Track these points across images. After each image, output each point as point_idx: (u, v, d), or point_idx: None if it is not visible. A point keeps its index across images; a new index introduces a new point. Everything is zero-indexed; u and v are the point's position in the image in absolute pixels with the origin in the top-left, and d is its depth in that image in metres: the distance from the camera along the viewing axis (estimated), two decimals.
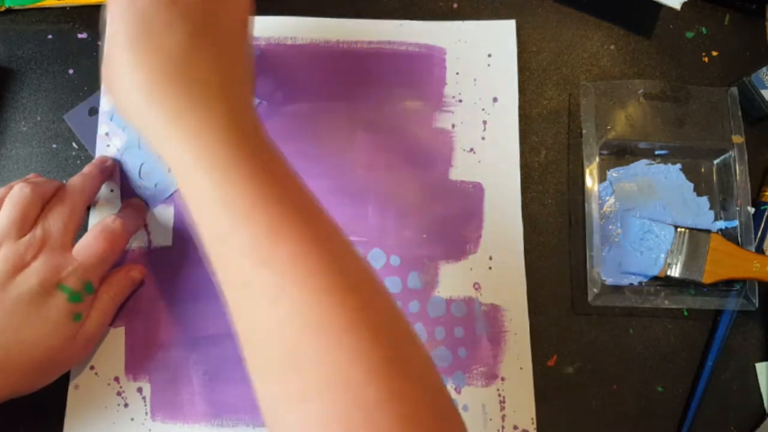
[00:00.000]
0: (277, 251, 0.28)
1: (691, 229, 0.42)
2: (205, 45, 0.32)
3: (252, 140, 0.31)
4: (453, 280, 0.42)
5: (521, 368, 0.41)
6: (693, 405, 0.42)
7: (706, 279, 0.41)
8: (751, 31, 0.47)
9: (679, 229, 0.42)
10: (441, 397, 0.28)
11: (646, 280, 0.43)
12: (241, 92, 0.33)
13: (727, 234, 0.43)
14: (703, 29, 0.47)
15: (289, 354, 0.27)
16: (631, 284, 0.42)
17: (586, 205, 0.43)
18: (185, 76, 0.31)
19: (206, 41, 0.32)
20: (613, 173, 0.44)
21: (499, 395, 0.41)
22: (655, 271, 0.42)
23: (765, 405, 0.43)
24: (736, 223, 0.42)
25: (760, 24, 0.47)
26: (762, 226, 0.43)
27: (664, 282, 0.42)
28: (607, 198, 0.44)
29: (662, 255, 0.42)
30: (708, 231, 0.42)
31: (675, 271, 0.42)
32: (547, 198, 0.44)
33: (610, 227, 0.43)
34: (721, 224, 0.43)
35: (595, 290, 0.41)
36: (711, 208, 0.44)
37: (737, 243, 0.42)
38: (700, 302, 0.42)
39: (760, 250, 0.43)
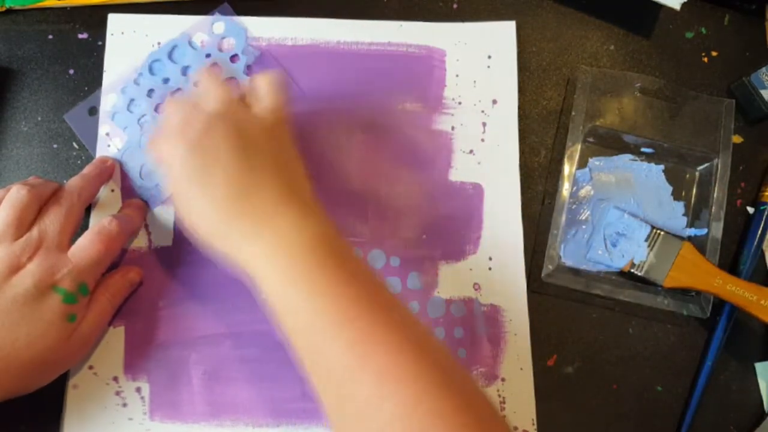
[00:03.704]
0: (376, 358, 0.29)
1: (666, 232, 0.42)
2: (253, 164, 0.34)
3: (327, 239, 0.33)
4: (453, 281, 0.42)
5: (521, 369, 0.41)
6: (693, 405, 0.42)
7: (667, 283, 0.41)
8: (751, 31, 0.47)
9: (655, 230, 0.42)
10: None
11: (607, 270, 0.43)
12: (303, 192, 0.35)
13: (695, 242, 0.43)
14: (703, 29, 0.47)
15: None
16: (590, 271, 0.43)
17: (558, 184, 0.43)
18: (251, 196, 0.33)
19: (252, 160, 0.34)
20: (595, 161, 0.44)
21: (499, 396, 0.40)
22: (620, 264, 0.42)
23: (765, 405, 0.43)
24: (705, 231, 0.43)
25: (760, 24, 0.47)
26: (761, 225, 0.43)
27: (623, 276, 0.43)
28: (584, 184, 0.44)
29: (632, 251, 0.42)
30: (681, 238, 0.42)
31: (639, 269, 0.42)
32: (547, 198, 0.44)
33: (581, 212, 0.43)
34: (692, 231, 0.43)
35: (551, 267, 0.42)
36: (684, 215, 0.44)
37: (703, 252, 0.42)
38: (655, 302, 0.42)
39: (759, 249, 0.43)
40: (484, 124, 0.44)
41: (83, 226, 0.40)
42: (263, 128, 0.36)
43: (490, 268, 0.42)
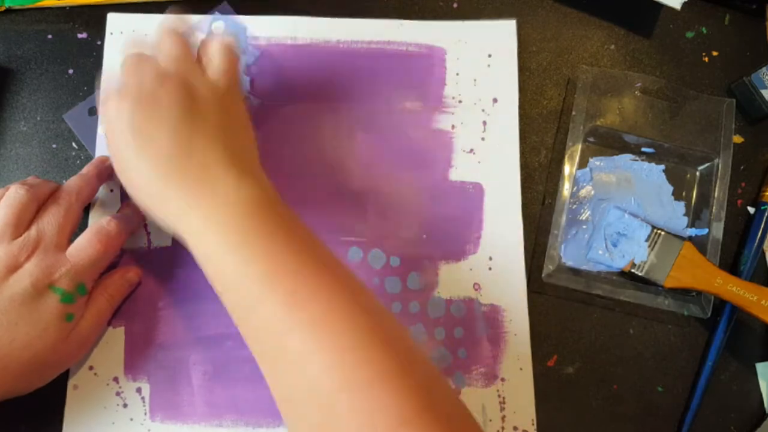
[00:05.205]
0: (302, 317, 0.29)
1: (666, 232, 0.42)
2: (198, 125, 0.33)
3: (265, 203, 0.33)
4: (453, 281, 0.42)
5: (521, 369, 0.41)
6: (693, 405, 0.42)
7: (668, 283, 0.41)
8: (751, 31, 0.47)
9: (655, 230, 0.42)
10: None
11: (607, 270, 0.43)
12: (247, 159, 0.35)
13: (696, 242, 0.43)
14: (703, 29, 0.47)
15: (326, 414, 0.28)
16: (590, 271, 0.43)
17: (559, 184, 0.43)
18: (186, 162, 0.33)
19: (197, 121, 0.34)
20: (595, 161, 0.44)
21: (499, 396, 0.40)
22: (620, 264, 0.42)
23: (765, 405, 0.43)
24: (706, 230, 0.43)
25: (760, 24, 0.47)
26: (762, 226, 0.43)
27: (624, 276, 0.43)
28: (584, 184, 0.44)
29: (632, 251, 0.42)
30: (682, 238, 0.42)
31: (640, 269, 0.42)
32: (547, 198, 0.44)
33: (582, 212, 0.43)
34: (693, 231, 0.43)
35: (551, 267, 0.41)
36: (685, 215, 0.44)
37: (703, 252, 0.42)
38: (655, 302, 0.42)
39: (760, 249, 0.43)
40: (484, 123, 0.44)
41: (82, 226, 0.40)
42: (213, 91, 0.35)
43: (490, 268, 0.42)
